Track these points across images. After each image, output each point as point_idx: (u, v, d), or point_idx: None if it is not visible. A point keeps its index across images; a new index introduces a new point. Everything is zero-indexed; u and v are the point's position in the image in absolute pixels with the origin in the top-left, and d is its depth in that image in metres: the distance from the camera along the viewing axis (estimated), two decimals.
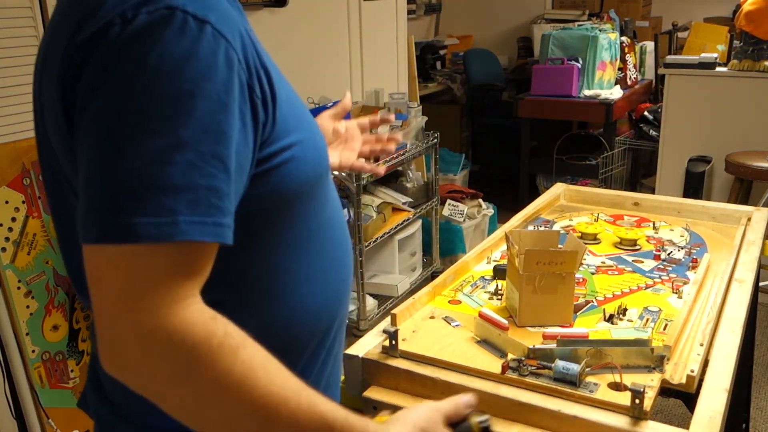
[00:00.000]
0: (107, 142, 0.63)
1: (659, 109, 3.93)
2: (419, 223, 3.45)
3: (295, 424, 0.66)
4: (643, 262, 1.48)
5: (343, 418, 0.71)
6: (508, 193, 4.58)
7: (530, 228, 1.69)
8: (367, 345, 1.15)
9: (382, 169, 1.16)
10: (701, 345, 1.10)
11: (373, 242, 3.01)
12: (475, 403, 0.86)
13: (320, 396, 0.70)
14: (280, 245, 0.79)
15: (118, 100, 0.62)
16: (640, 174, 4.71)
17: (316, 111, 3.24)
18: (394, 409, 0.86)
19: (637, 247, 1.56)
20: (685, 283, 1.36)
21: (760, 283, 2.00)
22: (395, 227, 3.18)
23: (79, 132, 0.66)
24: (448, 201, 3.76)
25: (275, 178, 0.74)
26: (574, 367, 1.00)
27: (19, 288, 2.01)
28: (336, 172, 2.81)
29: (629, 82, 4.50)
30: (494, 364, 1.05)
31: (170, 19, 0.63)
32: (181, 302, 0.63)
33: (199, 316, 0.64)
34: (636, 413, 0.94)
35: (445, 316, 1.23)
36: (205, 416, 0.65)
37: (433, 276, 3.28)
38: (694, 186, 3.43)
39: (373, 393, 1.08)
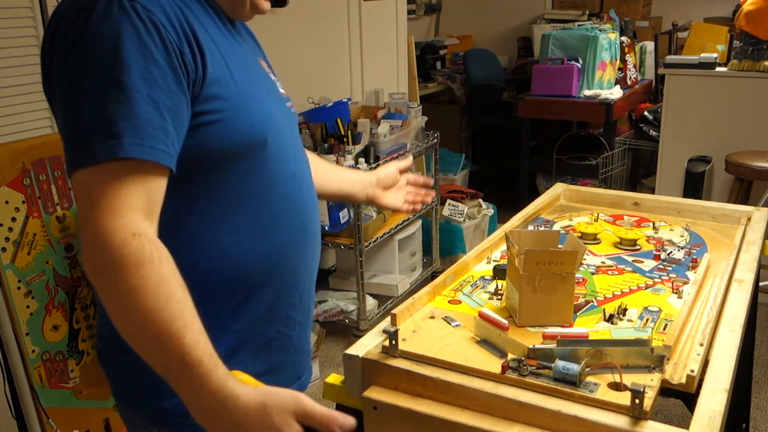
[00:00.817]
0: (68, 99, 0.85)
1: (659, 109, 3.93)
2: (419, 223, 3.45)
3: (159, 343, 0.81)
4: (643, 262, 1.48)
5: (199, 358, 0.81)
6: (508, 193, 4.58)
7: (530, 228, 1.69)
8: (367, 345, 1.14)
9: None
10: (701, 345, 1.10)
11: (373, 242, 3.01)
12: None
13: (198, 334, 0.82)
14: (208, 198, 0.95)
15: (72, 68, 0.85)
16: (640, 174, 4.71)
17: (317, 111, 3.25)
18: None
19: (637, 247, 1.56)
20: (685, 283, 1.36)
21: (760, 283, 2.00)
22: (395, 227, 3.18)
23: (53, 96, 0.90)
24: (448, 201, 3.76)
25: (202, 134, 0.91)
26: (574, 367, 1.00)
27: (19, 288, 2.00)
28: None
29: (629, 82, 4.50)
30: (494, 364, 1.05)
31: (108, 3, 0.84)
32: (114, 213, 0.81)
33: (122, 228, 0.81)
34: (636, 413, 0.94)
35: (445, 316, 1.23)
36: (111, 307, 0.83)
37: (433, 276, 3.28)
38: (694, 186, 3.43)
39: (373, 393, 1.08)
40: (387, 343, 1.11)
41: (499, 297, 1.32)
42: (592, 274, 1.42)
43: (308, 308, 1.16)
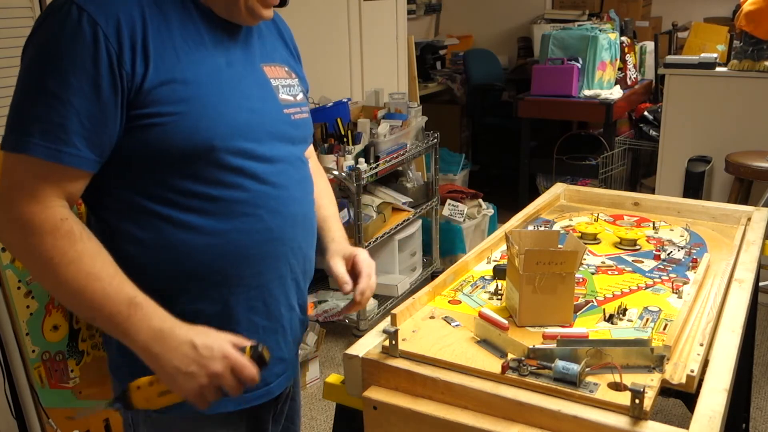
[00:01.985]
0: (16, 84, 0.97)
1: (659, 109, 3.93)
2: (419, 223, 3.45)
3: (104, 296, 0.93)
4: (643, 262, 1.48)
5: (144, 299, 0.95)
6: (508, 193, 4.58)
7: (530, 228, 1.69)
8: (367, 345, 1.14)
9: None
10: (701, 345, 1.10)
11: (373, 242, 3.01)
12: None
13: (132, 285, 0.95)
14: (154, 194, 1.01)
15: (21, 63, 0.98)
16: (640, 174, 4.71)
17: (317, 111, 3.24)
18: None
19: (637, 247, 1.56)
20: (685, 283, 1.36)
21: (760, 283, 2.00)
22: (395, 227, 3.18)
23: None
24: (448, 201, 3.76)
25: (141, 135, 0.98)
26: (574, 367, 1.00)
27: (19, 288, 2.00)
28: (336, 172, 2.81)
29: (629, 82, 4.49)
30: (494, 364, 1.05)
31: (60, 8, 0.94)
32: (40, 203, 0.93)
33: (52, 216, 0.93)
34: (636, 413, 0.94)
35: (445, 316, 1.23)
36: (46, 281, 0.95)
37: (433, 276, 3.28)
38: (694, 186, 3.43)
39: (373, 393, 1.08)
40: (387, 343, 1.11)
41: (499, 297, 1.32)
42: (592, 274, 1.42)
43: (278, 315, 1.14)
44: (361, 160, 2.88)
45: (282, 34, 1.24)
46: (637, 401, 0.93)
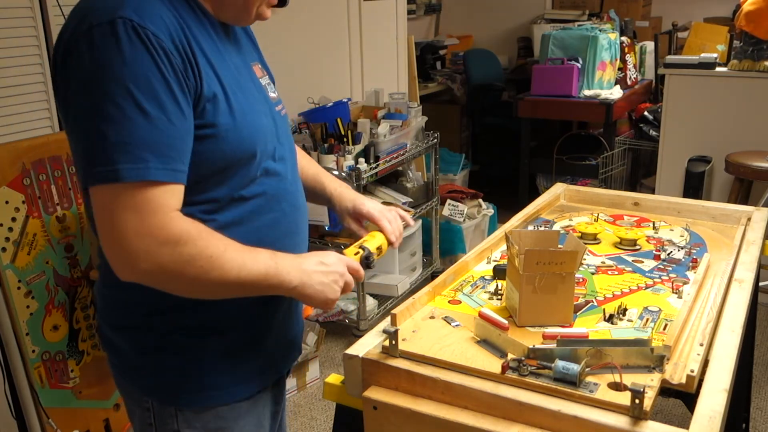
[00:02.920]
0: (90, 121, 0.91)
1: (659, 109, 3.93)
2: (419, 223, 3.45)
3: (256, 260, 1.01)
4: (643, 262, 1.48)
5: (272, 253, 1.04)
6: (508, 193, 4.58)
7: (530, 228, 1.69)
8: (367, 345, 1.14)
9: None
10: (701, 345, 1.10)
11: None
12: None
13: (260, 250, 1.03)
14: (199, 202, 1.04)
15: (92, 92, 0.92)
16: (640, 174, 4.71)
17: (317, 111, 3.25)
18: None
19: (637, 247, 1.56)
20: (685, 283, 1.36)
21: (760, 283, 2.00)
22: None
23: (67, 114, 0.97)
24: (448, 201, 3.76)
25: (199, 148, 0.99)
26: (574, 367, 1.00)
27: (19, 288, 2.00)
28: (336, 172, 2.81)
29: (629, 82, 4.49)
30: (494, 364, 1.05)
31: (115, 28, 0.91)
32: (179, 218, 0.95)
33: (186, 223, 0.96)
34: (636, 413, 0.94)
35: (445, 316, 1.23)
36: (212, 276, 0.96)
37: (433, 276, 3.28)
38: (694, 186, 3.43)
39: (373, 393, 1.08)
40: (387, 343, 1.11)
41: (499, 297, 1.32)
42: (592, 274, 1.42)
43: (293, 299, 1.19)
44: (361, 160, 2.88)
45: (248, 32, 1.25)
46: (637, 401, 0.93)
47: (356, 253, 1.20)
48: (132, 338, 1.11)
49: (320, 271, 1.08)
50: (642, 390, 0.93)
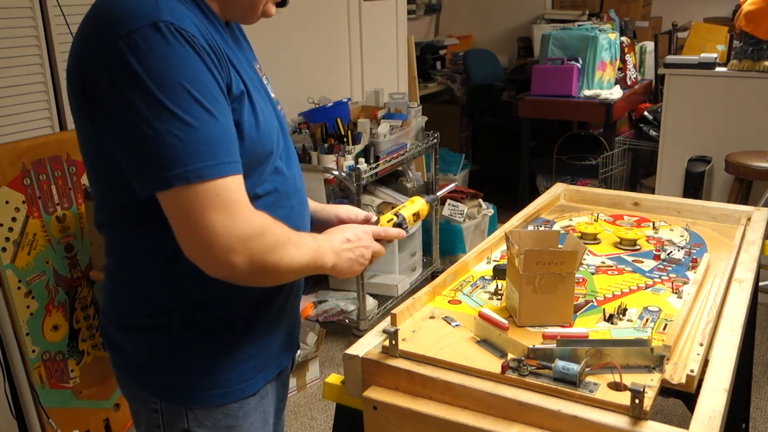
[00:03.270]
0: (147, 123, 0.90)
1: (659, 109, 3.93)
2: (419, 223, 3.45)
3: (307, 244, 1.07)
4: (643, 262, 1.48)
5: (314, 238, 1.11)
6: (508, 193, 4.58)
7: (530, 228, 1.69)
8: (367, 345, 1.15)
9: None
10: (701, 345, 1.11)
11: None
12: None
13: (305, 234, 1.11)
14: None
15: (146, 95, 0.91)
16: (640, 174, 4.71)
17: (317, 111, 3.24)
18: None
19: (637, 247, 1.56)
20: (685, 283, 1.36)
21: (760, 283, 2.00)
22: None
23: (107, 118, 0.95)
24: (448, 201, 3.76)
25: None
26: (574, 367, 1.00)
27: (19, 288, 2.01)
28: (336, 172, 2.81)
29: (629, 82, 4.50)
30: (494, 364, 1.05)
31: (157, 30, 0.90)
32: (249, 208, 0.98)
33: (259, 212, 1.00)
34: (636, 413, 0.94)
35: (445, 316, 1.23)
36: (293, 255, 1.03)
37: (433, 276, 3.28)
38: (694, 186, 3.43)
39: (373, 393, 1.08)
40: (387, 343, 1.11)
41: (499, 297, 1.32)
42: (592, 274, 1.42)
43: (295, 297, 1.22)
44: (361, 160, 2.88)
45: (243, 33, 1.26)
46: (637, 401, 0.93)
47: (389, 221, 1.29)
48: (141, 338, 1.11)
49: (347, 248, 1.15)
50: (642, 390, 0.93)
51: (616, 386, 1.00)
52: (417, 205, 1.35)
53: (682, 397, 1.04)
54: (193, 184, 0.91)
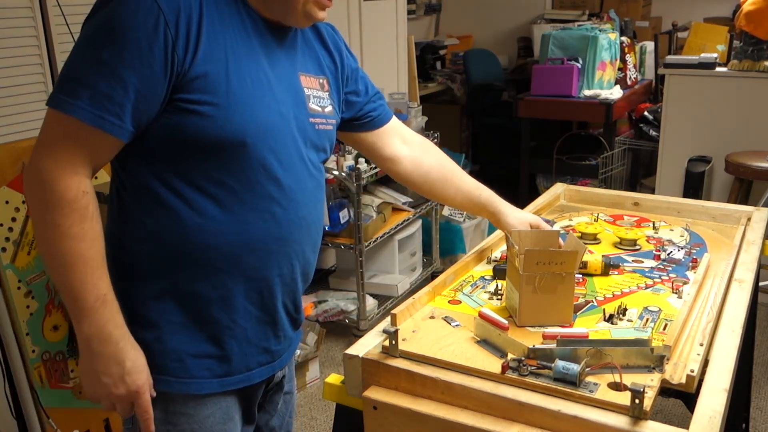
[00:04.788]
0: (72, 51, 1.02)
1: (659, 109, 3.93)
2: (419, 223, 3.45)
3: (84, 281, 1.00)
4: (643, 262, 1.48)
5: (113, 299, 1.03)
6: (508, 193, 4.54)
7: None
8: (367, 345, 1.15)
9: None
10: (701, 345, 1.11)
11: (373, 242, 3.01)
12: None
13: (109, 283, 1.03)
14: (181, 176, 1.06)
15: (83, 33, 1.02)
16: (640, 174, 4.71)
17: None
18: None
19: (637, 247, 1.56)
20: (685, 283, 1.36)
21: (760, 283, 2.00)
22: (395, 227, 3.18)
23: None
24: None
25: (180, 119, 1.03)
26: (574, 367, 1.00)
27: (19, 288, 2.00)
28: (336, 172, 2.81)
29: (629, 82, 4.49)
30: (494, 364, 1.05)
31: None
32: (70, 167, 0.99)
33: (76, 185, 1.00)
34: (636, 413, 0.94)
35: (445, 316, 1.23)
36: (43, 241, 1.00)
37: (433, 276, 3.28)
38: (694, 186, 3.43)
39: (373, 393, 1.08)
40: (387, 343, 1.11)
41: (499, 297, 1.32)
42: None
43: (272, 308, 1.18)
44: (361, 159, 2.88)
45: (327, 45, 1.28)
46: (637, 401, 0.93)
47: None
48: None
49: (110, 365, 1.03)
50: (642, 390, 0.93)
51: (616, 386, 1.00)
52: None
53: (682, 397, 1.04)
54: (51, 109, 1.00)
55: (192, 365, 1.12)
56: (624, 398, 0.96)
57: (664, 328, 1.18)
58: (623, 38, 4.48)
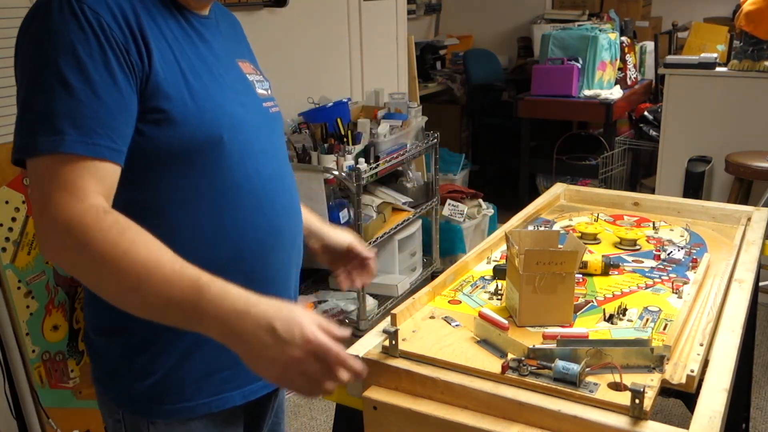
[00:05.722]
0: (21, 91, 0.91)
1: (659, 109, 3.93)
2: (419, 223, 3.45)
3: (169, 281, 0.84)
4: (643, 262, 1.48)
5: (210, 278, 0.85)
6: (508, 193, 4.58)
7: (530, 228, 1.69)
8: (367, 345, 1.14)
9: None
10: (701, 345, 1.10)
11: (373, 242, 3.01)
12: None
13: (195, 267, 0.86)
14: (159, 193, 0.99)
15: (24, 64, 0.93)
16: (640, 174, 4.71)
17: (317, 111, 3.24)
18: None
19: (637, 247, 1.56)
20: (685, 283, 1.36)
21: (760, 283, 2.00)
22: (395, 227, 3.18)
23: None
24: (448, 201, 3.76)
25: (149, 132, 0.95)
26: (574, 367, 1.00)
27: (19, 288, 2.00)
28: (336, 172, 2.81)
29: (629, 82, 4.50)
30: (494, 364, 1.05)
31: (52, 2, 0.91)
32: (77, 197, 0.86)
33: (91, 208, 0.86)
34: (636, 413, 0.94)
35: (445, 316, 1.23)
36: (103, 279, 0.86)
37: (433, 276, 3.28)
38: (694, 186, 3.43)
39: (373, 393, 1.08)
40: (387, 343, 1.11)
41: (499, 297, 1.32)
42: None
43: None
44: (361, 160, 2.88)
45: (239, 32, 1.24)
46: (637, 401, 0.93)
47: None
48: (107, 342, 1.08)
49: (260, 338, 0.84)
50: (642, 390, 0.93)
51: (616, 386, 1.00)
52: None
53: (682, 397, 1.04)
54: (31, 157, 0.88)
55: (213, 383, 1.08)
56: (624, 398, 0.96)
57: (664, 328, 1.18)
58: (623, 38, 4.48)
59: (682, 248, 1.55)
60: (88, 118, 0.88)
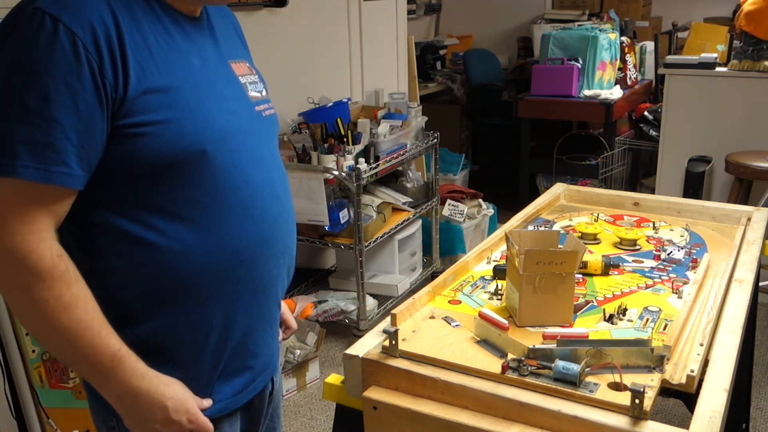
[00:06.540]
0: None
1: (659, 109, 3.93)
2: (419, 223, 3.45)
3: (91, 346, 0.93)
4: (643, 262, 1.48)
5: (127, 352, 0.95)
6: (508, 193, 4.58)
7: (530, 228, 1.69)
8: (367, 345, 1.14)
9: None
10: (701, 345, 1.10)
11: (373, 242, 3.01)
12: None
13: (117, 338, 0.95)
14: (144, 206, 0.98)
15: None
16: (640, 174, 4.71)
17: (317, 111, 3.24)
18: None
19: (637, 247, 1.56)
20: (685, 283, 1.36)
21: (760, 283, 2.00)
22: (395, 227, 3.18)
23: None
24: (448, 201, 3.76)
25: (128, 146, 0.93)
26: (574, 367, 1.00)
27: None
28: (336, 172, 2.81)
29: (629, 82, 4.50)
30: (494, 364, 1.05)
31: (30, 19, 0.87)
32: (35, 234, 0.88)
33: (48, 252, 0.89)
34: (636, 413, 0.94)
35: (445, 316, 1.23)
36: (35, 320, 0.92)
37: (433, 276, 3.28)
38: (694, 186, 3.43)
39: (373, 393, 1.08)
40: (387, 343, 1.11)
41: (499, 297, 1.32)
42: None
43: (269, 314, 1.14)
44: (361, 160, 2.88)
45: (236, 29, 1.21)
46: (637, 401, 0.93)
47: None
48: None
49: (154, 414, 0.98)
50: (642, 390, 0.93)
51: (616, 386, 1.00)
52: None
53: (682, 397, 1.04)
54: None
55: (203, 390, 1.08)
56: (624, 398, 0.96)
57: (664, 328, 1.18)
58: (623, 38, 4.48)
59: (682, 248, 1.55)
60: (43, 144, 0.87)
